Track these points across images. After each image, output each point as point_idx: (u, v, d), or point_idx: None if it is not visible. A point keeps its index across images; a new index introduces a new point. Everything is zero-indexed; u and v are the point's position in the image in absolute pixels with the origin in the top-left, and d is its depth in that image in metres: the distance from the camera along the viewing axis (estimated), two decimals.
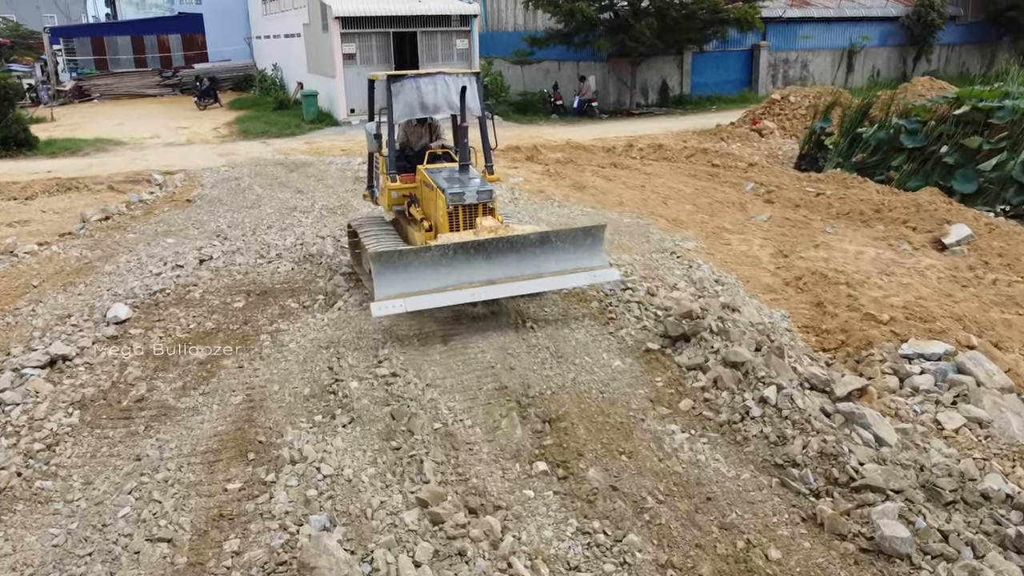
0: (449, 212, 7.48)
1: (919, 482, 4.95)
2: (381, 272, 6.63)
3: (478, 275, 6.98)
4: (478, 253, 6.98)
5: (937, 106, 15.94)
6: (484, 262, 7.02)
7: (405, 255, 6.80)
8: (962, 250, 10.40)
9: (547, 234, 7.29)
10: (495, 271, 7.05)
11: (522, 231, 7.39)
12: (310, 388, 6.28)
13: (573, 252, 7.41)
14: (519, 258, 7.15)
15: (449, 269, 6.88)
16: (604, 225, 7.76)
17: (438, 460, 5.24)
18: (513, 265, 7.12)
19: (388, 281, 6.66)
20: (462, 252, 6.92)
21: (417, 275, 6.77)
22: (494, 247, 7.03)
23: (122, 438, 5.63)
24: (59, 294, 8.62)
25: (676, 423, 5.85)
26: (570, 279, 7.37)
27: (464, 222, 7.56)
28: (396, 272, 6.69)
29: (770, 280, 9.45)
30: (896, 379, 6.67)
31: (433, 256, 6.85)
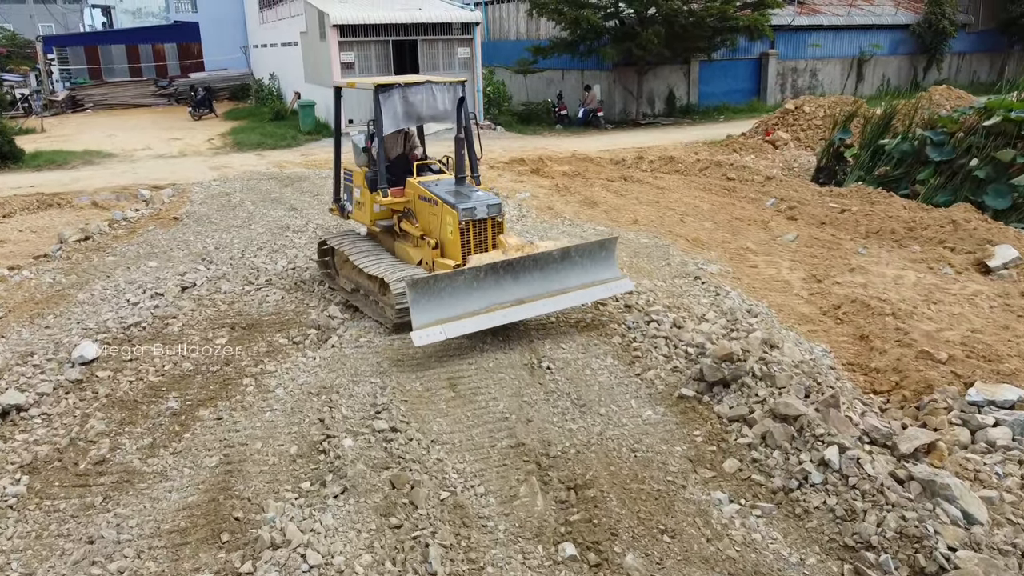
0: (461, 229, 7.34)
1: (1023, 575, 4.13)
2: (417, 300, 6.51)
3: (507, 295, 6.99)
4: (507, 273, 7.00)
5: (964, 116, 15.17)
6: (512, 281, 7.04)
7: (440, 280, 6.69)
8: (1010, 274, 9.60)
9: (568, 249, 7.37)
10: (523, 290, 7.09)
11: (545, 248, 7.38)
12: (297, 446, 5.45)
13: (591, 265, 7.52)
14: (543, 275, 7.22)
15: (481, 291, 6.86)
16: (616, 237, 7.91)
17: (446, 544, 4.41)
18: (539, 283, 7.19)
19: (424, 308, 6.55)
20: (492, 273, 6.92)
21: (451, 299, 6.70)
22: (522, 266, 7.07)
23: (75, 512, 4.80)
24: (24, 327, 7.80)
25: (722, 490, 5.02)
26: (590, 293, 7.47)
27: (474, 237, 7.44)
28: (431, 298, 6.59)
29: (805, 309, 8.64)
30: (967, 431, 5.84)
31: (466, 279, 6.80)
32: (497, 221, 7.55)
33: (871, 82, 32.95)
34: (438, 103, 8.13)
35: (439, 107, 8.15)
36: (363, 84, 8.57)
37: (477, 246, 7.47)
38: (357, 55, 23.47)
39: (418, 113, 8.06)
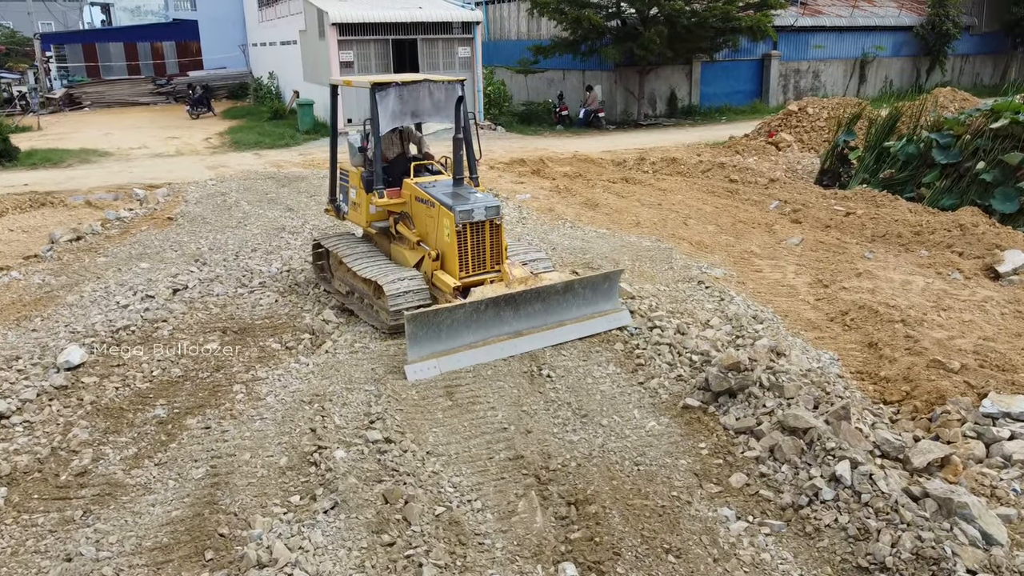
0: (458, 231, 7.16)
1: None
2: (415, 334, 6.39)
3: (506, 327, 6.89)
4: (508, 305, 6.86)
5: (971, 119, 14.95)
6: (512, 314, 6.91)
7: (440, 314, 6.53)
8: (1020, 279, 9.40)
9: (572, 283, 7.21)
10: (522, 322, 6.96)
11: (549, 281, 7.23)
12: (287, 458, 5.25)
13: (593, 297, 7.36)
14: (545, 307, 7.07)
15: (480, 323, 6.73)
16: (621, 270, 7.80)
17: (440, 563, 4.20)
18: (540, 315, 7.05)
19: (421, 341, 6.43)
20: (493, 306, 6.77)
21: (449, 332, 6.58)
22: (524, 299, 6.93)
23: (53, 527, 4.59)
24: (10, 330, 7.60)
25: (729, 506, 4.82)
26: (590, 325, 7.28)
27: (472, 240, 7.26)
28: (429, 332, 6.46)
29: (812, 315, 8.43)
30: (982, 445, 5.65)
31: (466, 312, 6.65)
32: (495, 224, 7.37)
33: (874, 84, 32.75)
34: (436, 102, 7.95)
35: (437, 106, 7.98)
36: (359, 82, 8.40)
37: (475, 250, 7.31)
38: (356, 54, 23.27)
39: (415, 112, 7.88)
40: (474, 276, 7.31)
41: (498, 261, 7.48)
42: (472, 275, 7.30)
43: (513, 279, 7.22)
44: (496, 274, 7.39)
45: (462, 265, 7.26)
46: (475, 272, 7.34)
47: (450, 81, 8.08)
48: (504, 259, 7.57)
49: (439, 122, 8.33)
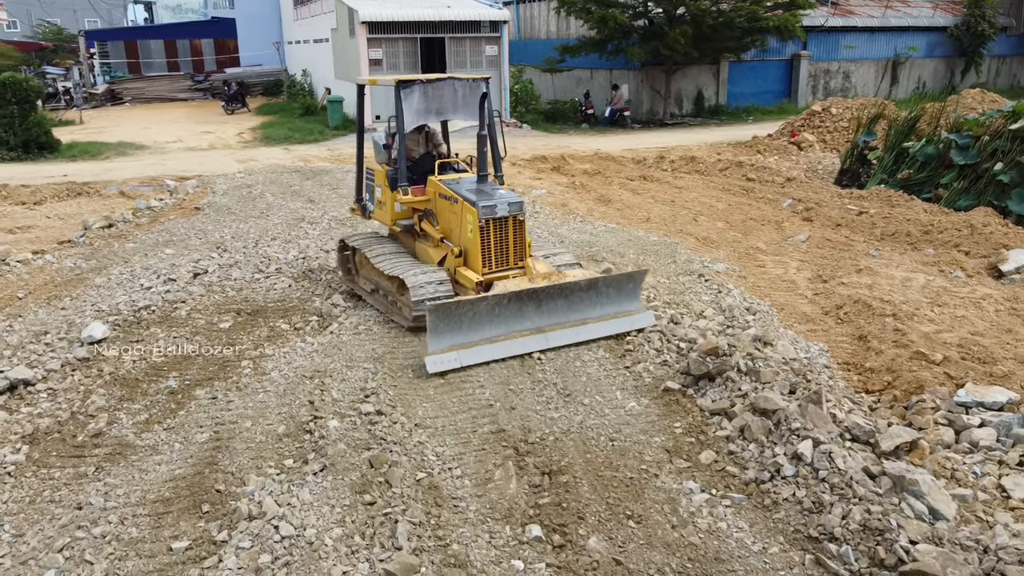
0: (481, 227, 7.18)
1: (983, 570, 4.14)
2: (436, 325, 6.39)
3: (528, 323, 6.88)
4: (531, 300, 6.86)
5: (991, 120, 14.91)
6: (535, 309, 6.91)
7: (462, 307, 6.55)
8: (1022, 278, 9.47)
9: (595, 280, 7.20)
10: (544, 318, 6.95)
11: (573, 277, 7.18)
12: (285, 426, 5.63)
13: (616, 296, 7.34)
14: (568, 304, 7.07)
15: (502, 318, 6.74)
16: (646, 270, 7.74)
17: (415, 521, 4.54)
18: (562, 312, 7.05)
19: (442, 333, 6.46)
20: (516, 301, 6.77)
21: (470, 325, 6.59)
22: (547, 294, 6.92)
23: (68, 480, 5.03)
24: (41, 308, 8.11)
25: (695, 480, 5.09)
26: (612, 325, 7.27)
27: (495, 236, 7.30)
28: (450, 324, 6.48)
29: (808, 309, 8.62)
30: (951, 431, 5.83)
31: (488, 305, 6.66)
32: (519, 220, 7.40)
33: (906, 85, 32.44)
34: (460, 99, 7.95)
35: (462, 104, 7.97)
36: (385, 81, 8.43)
37: (498, 246, 7.34)
38: (385, 52, 23.76)
39: (440, 110, 7.89)
40: (497, 272, 7.31)
41: (521, 257, 7.47)
42: (495, 271, 7.31)
43: (536, 274, 7.19)
44: (519, 270, 7.37)
45: (485, 261, 7.27)
46: (498, 268, 7.35)
47: (475, 79, 8.05)
48: (528, 255, 7.55)
49: (464, 119, 8.27)
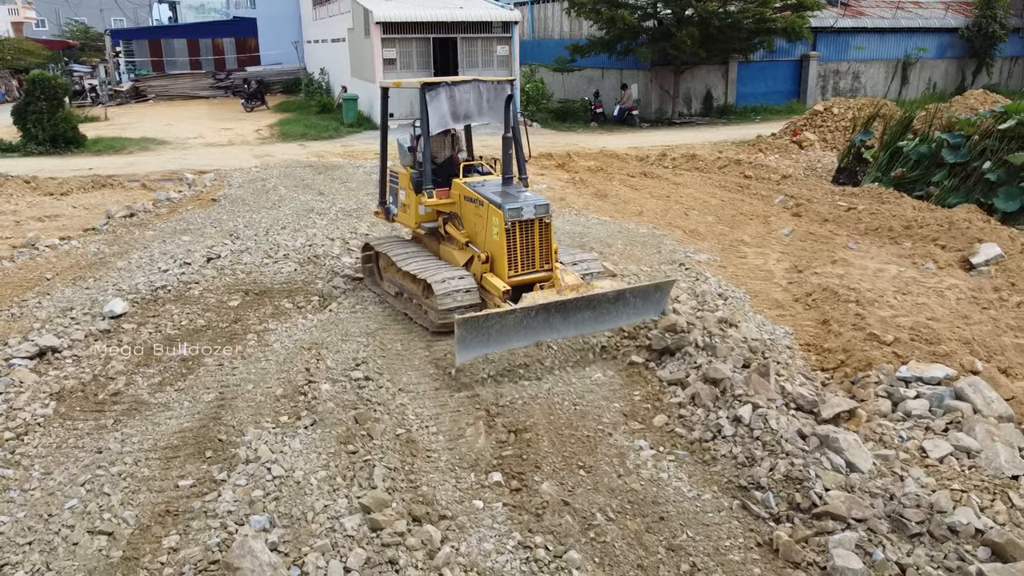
0: (507, 229, 7.15)
1: (885, 512, 4.69)
2: (464, 337, 6.41)
3: (556, 334, 6.88)
4: (558, 312, 6.82)
5: (982, 120, 15.31)
6: (562, 321, 6.87)
7: (490, 319, 6.55)
8: (989, 270, 9.93)
9: (623, 291, 7.13)
10: (571, 329, 6.94)
11: (601, 289, 7.16)
12: (283, 388, 6.28)
13: (642, 307, 7.30)
14: (595, 315, 7.01)
15: (529, 330, 6.73)
16: (674, 280, 7.81)
17: (391, 466, 5.17)
18: (589, 323, 7.02)
19: (470, 345, 6.48)
20: (543, 312, 6.74)
21: (498, 337, 6.61)
22: (575, 306, 6.88)
23: (90, 430, 5.71)
24: (67, 288, 8.83)
25: (646, 439, 5.68)
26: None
27: (521, 238, 7.26)
28: (478, 336, 6.50)
29: (780, 296, 9.16)
30: (889, 403, 6.36)
31: (516, 318, 6.65)
32: (545, 222, 7.33)
33: (916, 86, 32.65)
34: (485, 102, 7.92)
35: (486, 106, 7.94)
36: (409, 83, 8.39)
37: (524, 248, 7.30)
38: (399, 52, 24.43)
39: (465, 112, 7.86)
40: (523, 275, 7.29)
41: (547, 260, 7.43)
42: (521, 274, 7.29)
43: (565, 286, 7.12)
44: (546, 273, 7.36)
45: (511, 264, 7.24)
46: (524, 271, 7.31)
47: (500, 81, 8.07)
48: (554, 259, 7.51)
49: (488, 122, 8.25)
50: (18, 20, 54.34)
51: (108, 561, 4.32)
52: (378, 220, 11.80)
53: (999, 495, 4.92)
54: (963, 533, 4.49)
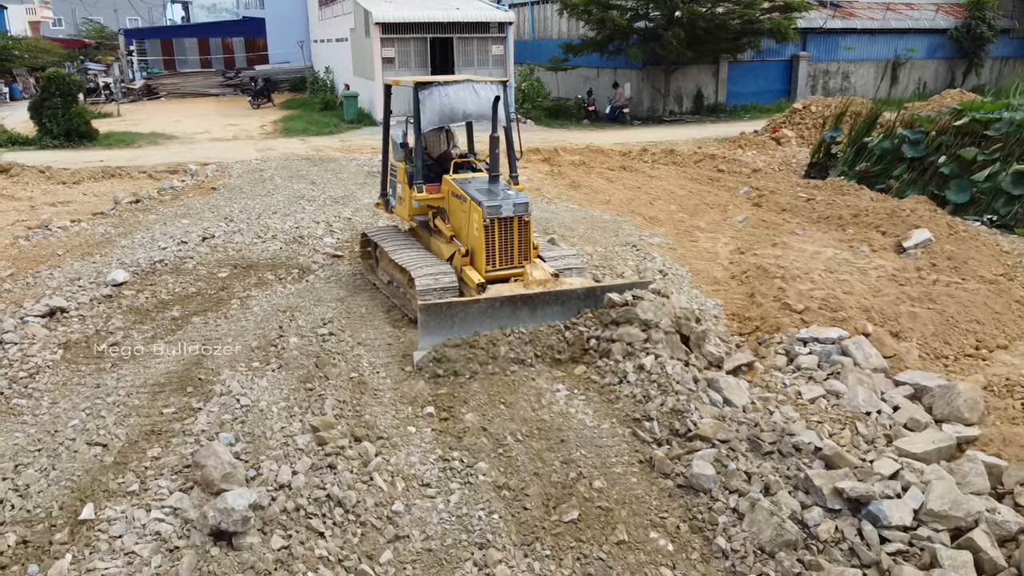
0: (486, 226, 7.39)
1: (747, 435, 5.63)
2: (427, 323, 6.69)
3: (522, 325, 7.03)
4: (525, 305, 7.01)
5: (940, 117, 16.15)
6: (529, 315, 7.05)
7: (454, 307, 6.81)
8: (916, 253, 10.81)
9: (594, 288, 7.31)
10: (537, 320, 7.10)
11: (570, 285, 7.34)
12: (258, 342, 7.28)
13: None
14: (564, 311, 7.18)
15: (495, 321, 6.92)
16: (650, 282, 7.88)
17: (341, 400, 6.16)
18: (558, 318, 7.17)
19: (434, 331, 6.74)
20: (509, 304, 6.95)
21: (462, 325, 6.83)
22: (542, 300, 7.07)
23: (91, 372, 6.73)
24: (76, 262, 9.87)
25: (563, 383, 6.62)
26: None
27: (499, 235, 7.50)
28: (442, 323, 6.76)
29: (719, 274, 10.08)
30: (786, 359, 7.30)
31: (480, 307, 6.90)
32: (524, 221, 7.56)
33: (906, 85, 33.36)
34: (480, 102, 8.07)
35: (479, 106, 8.08)
36: (406, 82, 8.56)
37: (502, 244, 7.54)
38: (397, 51, 25.44)
39: (458, 112, 8.05)
40: (500, 271, 7.51)
41: (526, 256, 7.62)
42: (498, 269, 7.52)
43: (532, 280, 7.33)
44: (522, 269, 7.53)
45: (489, 259, 7.48)
46: (501, 267, 7.54)
47: (492, 81, 8.24)
48: (532, 256, 7.72)
49: (480, 121, 8.42)
50: (35, 19, 55.73)
51: (102, 464, 5.32)
52: (363, 205, 12.87)
53: (848, 425, 5.85)
54: (805, 451, 5.42)
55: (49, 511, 4.82)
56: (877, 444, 5.64)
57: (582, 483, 5.26)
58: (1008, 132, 14.33)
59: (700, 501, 5.09)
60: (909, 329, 7.94)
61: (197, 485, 4.99)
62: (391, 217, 10.23)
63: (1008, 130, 14.36)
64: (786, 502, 4.94)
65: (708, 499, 5.09)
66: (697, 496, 5.14)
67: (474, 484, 5.24)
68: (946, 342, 7.81)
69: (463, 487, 5.22)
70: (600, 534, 4.81)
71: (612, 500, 5.12)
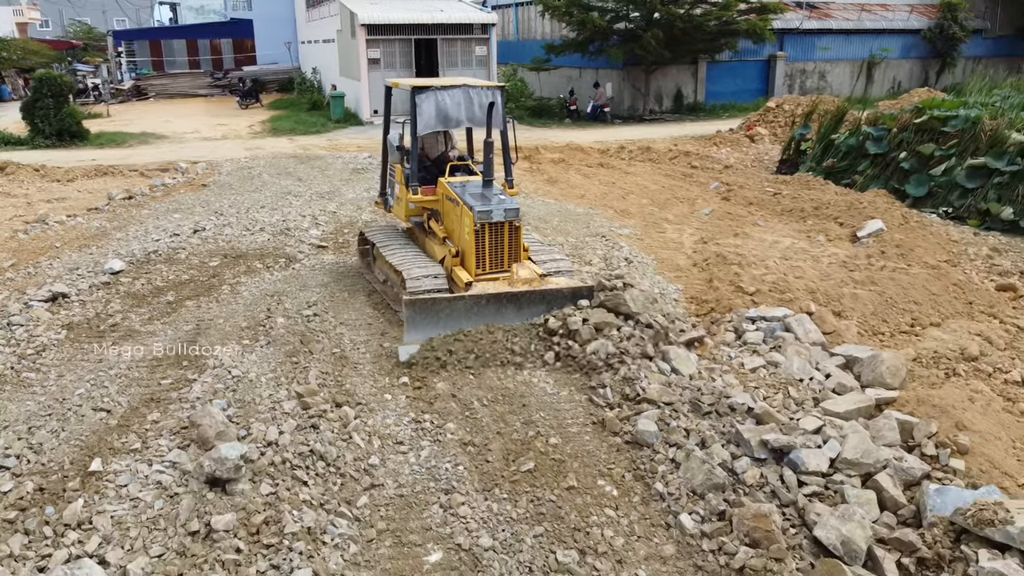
0: (476, 230, 7.54)
1: (689, 399, 6.26)
2: (413, 319, 6.89)
3: (506, 322, 7.22)
4: (511, 303, 7.20)
5: (902, 115, 16.87)
6: (515, 313, 7.23)
7: (439, 303, 7.00)
8: (869, 241, 11.50)
9: (580, 289, 7.47)
10: (523, 318, 7.29)
11: (556, 285, 7.51)
12: (247, 322, 7.87)
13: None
14: (549, 310, 7.34)
15: (481, 318, 7.10)
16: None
17: (324, 371, 6.77)
18: (542, 314, 7.32)
19: (418, 326, 6.95)
20: (495, 302, 7.13)
21: (447, 321, 7.01)
22: (528, 299, 7.25)
23: (94, 349, 7.30)
24: (74, 253, 10.42)
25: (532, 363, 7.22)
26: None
27: (490, 240, 7.67)
28: (427, 318, 6.95)
29: (682, 262, 10.73)
30: (734, 335, 7.94)
31: (466, 304, 7.09)
32: (514, 226, 7.73)
33: (881, 84, 34.18)
34: (475, 107, 8.20)
35: (475, 111, 8.20)
36: (404, 85, 8.64)
37: (492, 248, 7.70)
38: (383, 52, 26.01)
39: (453, 117, 8.19)
40: (490, 274, 7.69)
41: (516, 260, 7.80)
42: (488, 272, 7.70)
43: (518, 279, 7.48)
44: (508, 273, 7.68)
45: (479, 263, 7.66)
46: (491, 270, 7.72)
47: (488, 87, 8.35)
48: (522, 259, 7.89)
49: (477, 126, 8.56)
50: (23, 21, 55.86)
51: (107, 426, 5.91)
52: (347, 200, 13.47)
53: (782, 390, 6.50)
54: (739, 410, 6.06)
55: (61, 465, 5.40)
56: (805, 406, 6.30)
57: (539, 440, 5.88)
58: (963, 129, 15.07)
59: (643, 454, 5.72)
60: (851, 309, 8.61)
61: (194, 443, 5.58)
62: (374, 210, 10.80)
63: (963, 127, 15.09)
64: (718, 453, 5.58)
65: (651, 452, 5.72)
66: (641, 450, 5.77)
67: (442, 442, 5.85)
68: (884, 320, 8.49)
69: (432, 444, 5.83)
70: (553, 481, 5.43)
71: (565, 454, 5.74)
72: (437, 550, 4.80)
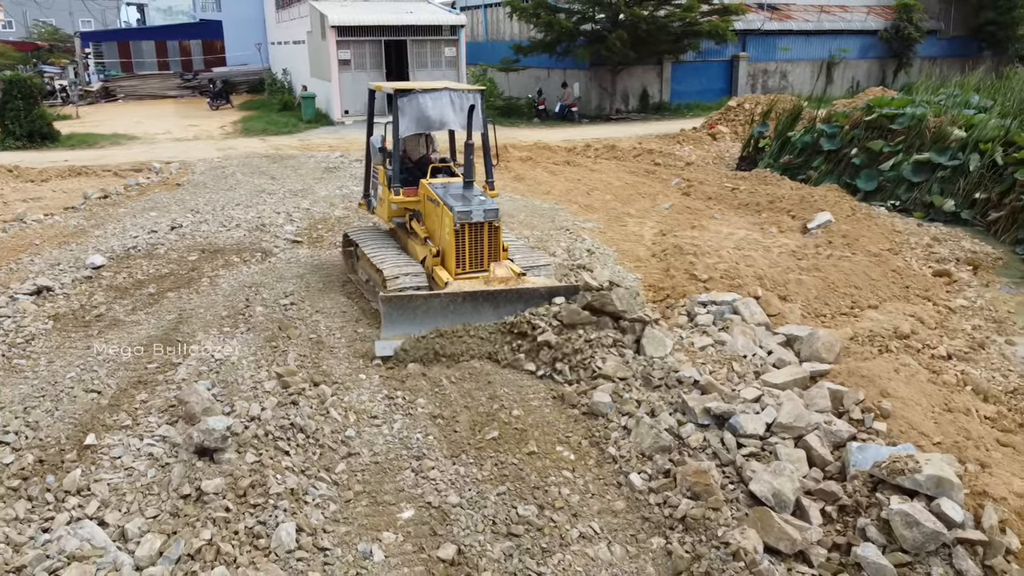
0: (456, 230, 7.71)
1: (641, 374, 6.81)
2: (390, 314, 7.03)
3: (484, 319, 7.32)
4: (487, 301, 7.30)
5: (854, 113, 17.64)
6: (492, 311, 7.33)
7: (415, 300, 7.13)
8: (818, 232, 12.16)
9: (557, 288, 7.56)
10: (500, 316, 7.38)
11: (533, 284, 7.62)
12: (227, 311, 8.29)
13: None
14: (526, 307, 7.40)
15: (457, 316, 7.22)
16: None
17: (302, 354, 7.21)
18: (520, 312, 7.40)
19: (396, 322, 7.09)
20: (471, 300, 7.25)
21: (424, 318, 7.14)
22: (504, 297, 7.35)
23: (80, 337, 7.68)
24: (54, 250, 10.73)
25: None
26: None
27: (469, 240, 7.85)
28: (404, 315, 7.08)
29: (642, 253, 11.30)
30: (687, 318, 8.51)
31: (442, 302, 7.21)
32: (494, 226, 7.89)
33: (840, 84, 35.18)
34: (456, 110, 8.31)
35: (456, 114, 8.33)
36: (386, 87, 8.80)
37: (472, 248, 7.87)
38: (353, 53, 26.38)
39: (435, 119, 8.32)
40: (470, 274, 7.85)
41: (496, 260, 7.96)
42: (468, 272, 7.86)
43: (494, 278, 7.61)
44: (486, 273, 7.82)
45: (459, 262, 7.82)
46: (471, 270, 7.89)
47: (469, 90, 8.46)
48: (501, 259, 8.03)
49: (458, 129, 8.67)
50: None
51: (99, 406, 6.31)
52: (320, 198, 13.88)
53: (726, 365, 7.07)
54: (686, 383, 6.61)
55: (58, 440, 5.80)
56: (747, 378, 6.87)
57: (503, 412, 6.38)
58: (909, 126, 15.86)
59: (598, 423, 6.25)
60: (795, 293, 9.23)
61: (181, 419, 6.01)
62: (347, 207, 11.21)
63: (909, 124, 15.89)
64: (665, 420, 6.13)
65: (605, 421, 6.25)
66: (596, 419, 6.29)
67: (414, 415, 6.33)
68: (826, 303, 9.12)
69: (404, 417, 6.31)
70: (515, 447, 5.94)
71: (527, 424, 6.25)
72: (409, 508, 5.28)
